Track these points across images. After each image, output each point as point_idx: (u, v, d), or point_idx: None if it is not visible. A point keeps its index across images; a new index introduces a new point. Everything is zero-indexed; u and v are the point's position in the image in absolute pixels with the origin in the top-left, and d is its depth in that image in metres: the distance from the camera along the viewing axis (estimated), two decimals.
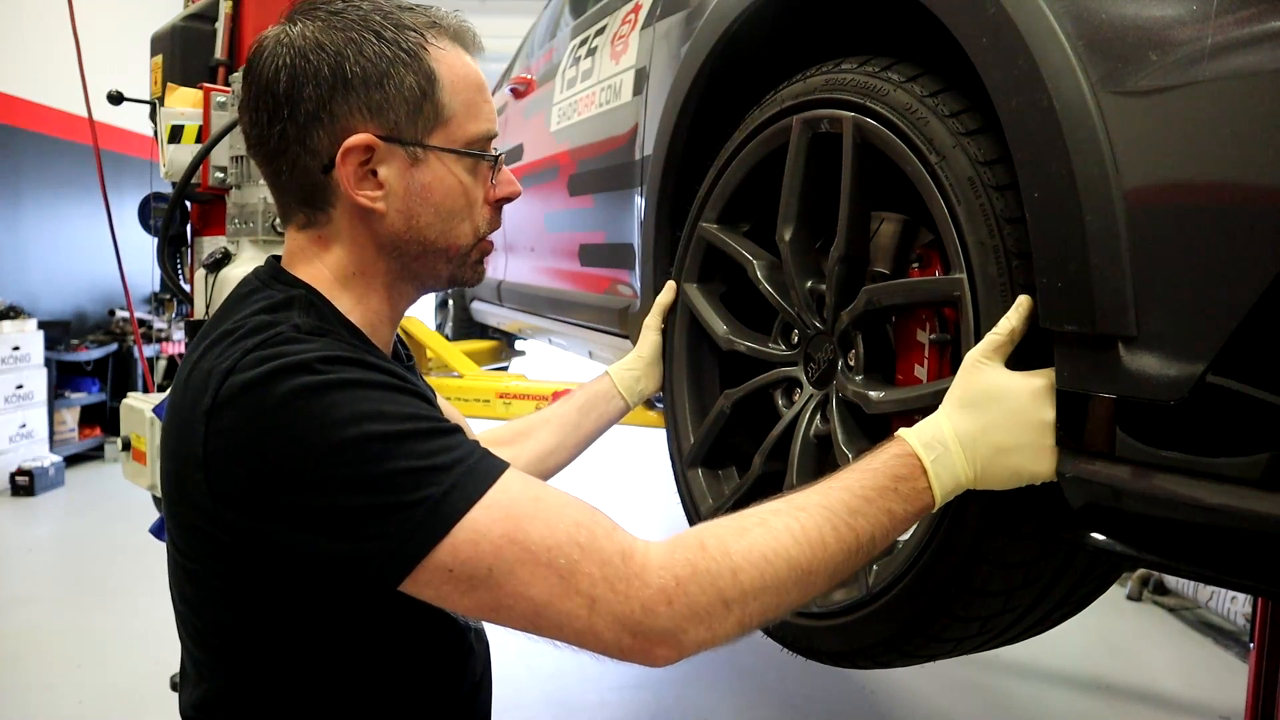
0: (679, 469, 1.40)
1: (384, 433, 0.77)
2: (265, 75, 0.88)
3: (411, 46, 0.89)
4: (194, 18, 2.04)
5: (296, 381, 0.77)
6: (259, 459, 0.77)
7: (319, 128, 0.88)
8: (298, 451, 0.76)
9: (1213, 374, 0.69)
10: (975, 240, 0.89)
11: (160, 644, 0.96)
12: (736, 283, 1.34)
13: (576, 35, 2.39)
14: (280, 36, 0.89)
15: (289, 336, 0.82)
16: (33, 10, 6.01)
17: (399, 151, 0.90)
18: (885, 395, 1.03)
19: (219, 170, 1.82)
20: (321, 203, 0.91)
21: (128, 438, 1.99)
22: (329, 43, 0.87)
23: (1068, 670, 3.27)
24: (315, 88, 0.87)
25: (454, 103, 0.91)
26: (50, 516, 5.16)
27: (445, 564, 0.76)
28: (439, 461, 0.78)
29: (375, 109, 0.88)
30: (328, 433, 0.76)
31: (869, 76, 1.04)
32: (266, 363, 0.79)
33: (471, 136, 0.93)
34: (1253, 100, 0.66)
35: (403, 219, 0.92)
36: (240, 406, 0.78)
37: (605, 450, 1.61)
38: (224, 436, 0.79)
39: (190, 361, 0.87)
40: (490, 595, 0.76)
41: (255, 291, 0.92)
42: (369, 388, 0.80)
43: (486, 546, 0.76)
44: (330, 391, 0.78)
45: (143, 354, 5.41)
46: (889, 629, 1.00)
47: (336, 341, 0.84)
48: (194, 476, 0.81)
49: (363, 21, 0.88)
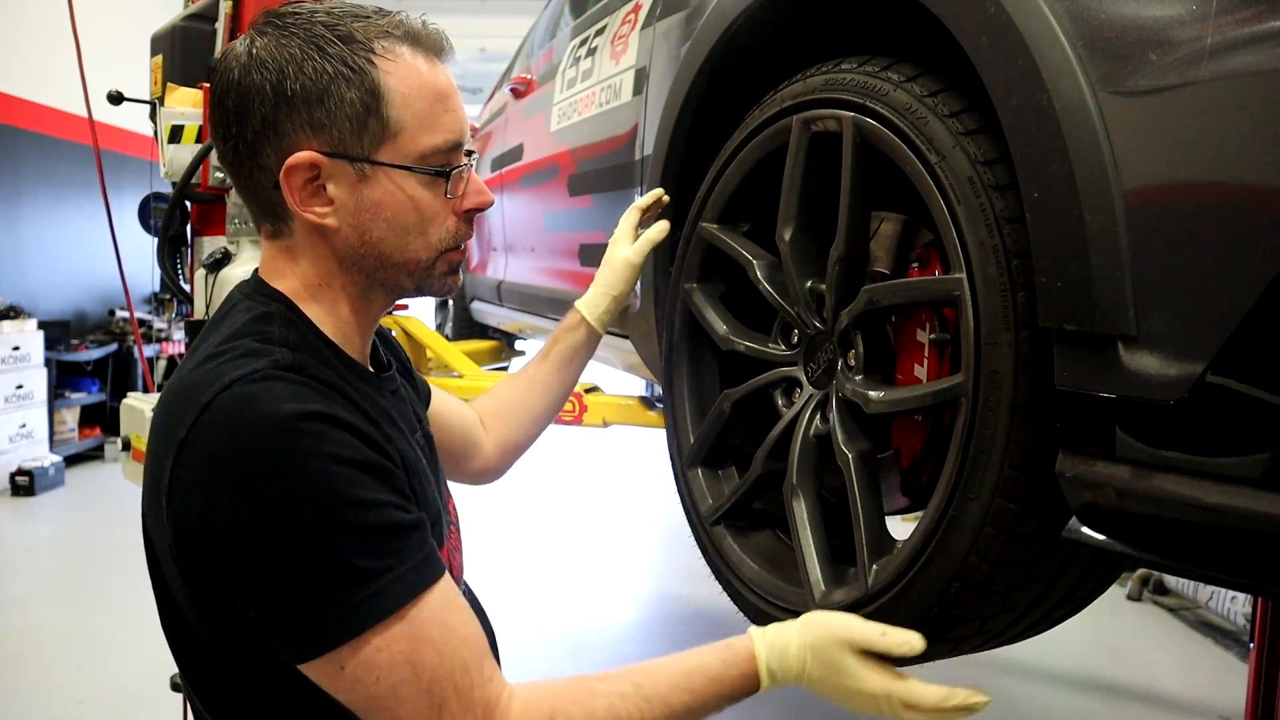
0: (679, 469, 1.40)
1: (336, 519, 0.79)
2: (219, 91, 0.89)
3: (356, 61, 0.87)
4: (194, 18, 2.04)
5: (265, 438, 0.79)
6: (211, 501, 0.80)
7: (266, 144, 0.88)
8: (248, 510, 0.79)
9: (1212, 374, 0.69)
10: (975, 240, 0.89)
11: (160, 644, 0.96)
12: (736, 283, 1.34)
13: (576, 35, 2.39)
14: (234, 51, 0.89)
15: (267, 373, 0.82)
16: (33, 10, 6.01)
17: (345, 168, 0.89)
18: (885, 395, 1.03)
19: (219, 170, 1.82)
20: (280, 216, 0.92)
21: (128, 438, 1.99)
22: (272, 59, 0.87)
23: (1068, 670, 3.27)
24: (260, 105, 0.87)
25: (403, 116, 0.89)
26: (50, 516, 5.16)
27: (341, 661, 0.80)
28: (374, 565, 0.80)
29: (317, 126, 0.87)
30: (282, 501, 0.78)
31: (869, 76, 1.04)
32: (242, 406, 0.80)
33: (425, 149, 0.91)
34: (1253, 100, 0.66)
35: (356, 234, 0.91)
36: (207, 444, 0.80)
37: (606, 450, 1.62)
38: (187, 470, 0.81)
39: (180, 375, 0.89)
40: (365, 699, 0.81)
41: (238, 304, 0.93)
42: (337, 463, 0.80)
43: (383, 659, 0.80)
44: (297, 459, 0.79)
45: (143, 354, 5.41)
46: None
47: (316, 386, 0.83)
48: (159, 500, 0.83)
49: (307, 35, 0.87)
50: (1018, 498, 0.86)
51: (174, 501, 0.82)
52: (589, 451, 6.58)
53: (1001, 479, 0.87)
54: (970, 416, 0.89)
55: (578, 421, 2.42)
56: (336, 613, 0.79)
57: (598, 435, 2.58)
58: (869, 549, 1.03)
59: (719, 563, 1.29)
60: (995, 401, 0.87)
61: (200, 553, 0.81)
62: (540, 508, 5.28)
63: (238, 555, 0.80)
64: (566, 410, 2.42)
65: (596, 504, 5.60)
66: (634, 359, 1.88)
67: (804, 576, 1.12)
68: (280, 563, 0.78)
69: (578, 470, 6.29)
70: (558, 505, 5.45)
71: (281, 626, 0.81)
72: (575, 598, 3.97)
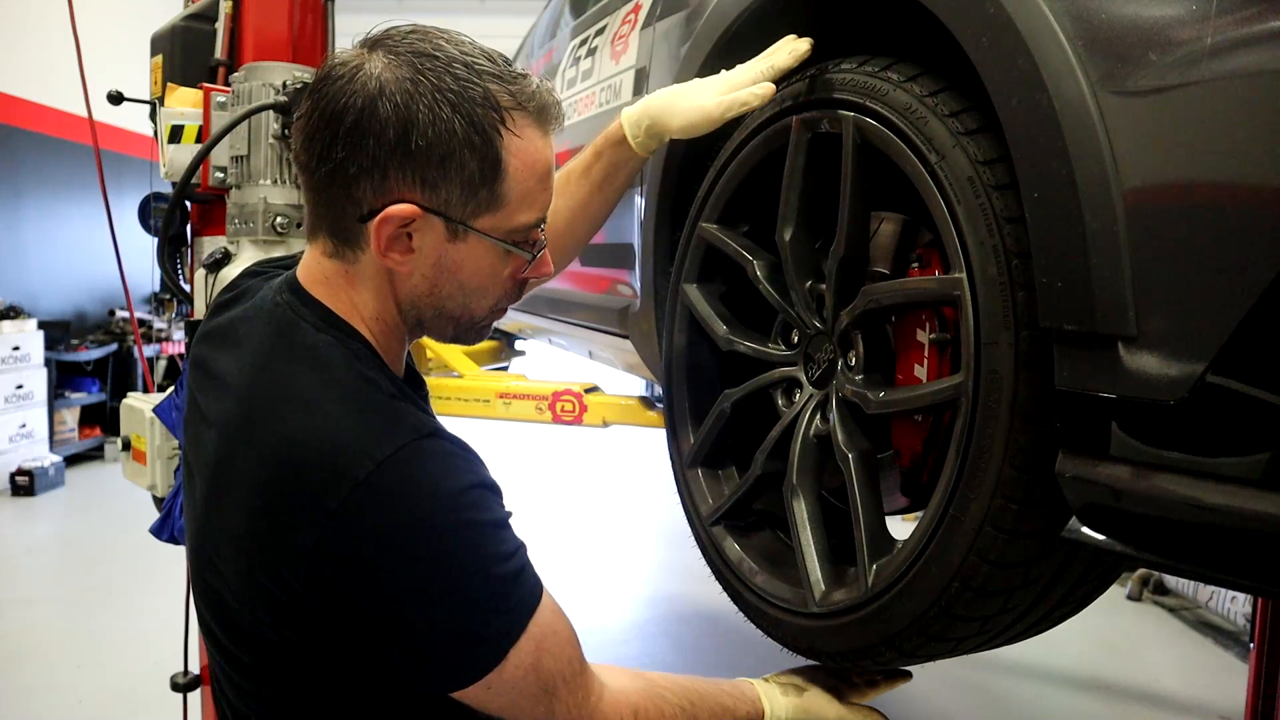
0: (679, 469, 1.40)
1: (490, 576, 0.85)
2: (331, 108, 0.84)
3: (486, 128, 0.85)
4: (194, 18, 2.04)
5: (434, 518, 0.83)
6: (378, 573, 0.83)
7: (368, 181, 0.84)
8: (416, 582, 0.83)
9: (1212, 374, 0.69)
10: (975, 240, 0.89)
11: (160, 644, 0.96)
12: (736, 283, 1.34)
13: (576, 35, 2.39)
14: (357, 70, 0.84)
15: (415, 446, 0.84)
16: (33, 10, 6.01)
17: (439, 224, 0.87)
18: (885, 395, 1.03)
19: (219, 170, 1.82)
20: (352, 244, 0.90)
21: (128, 438, 1.98)
22: (403, 99, 0.82)
23: (1068, 670, 3.27)
24: (376, 144, 0.83)
25: (512, 192, 0.88)
26: (50, 516, 5.17)
27: (489, 683, 0.87)
28: (511, 601, 0.87)
29: (429, 183, 0.85)
30: (447, 573, 0.83)
31: (869, 76, 1.04)
32: (406, 488, 0.82)
33: (518, 225, 0.90)
34: (1253, 100, 0.66)
35: (426, 285, 0.91)
36: (372, 521, 0.82)
37: (606, 450, 1.62)
38: (347, 543, 0.82)
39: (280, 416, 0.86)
40: (502, 705, 0.91)
41: (299, 327, 0.90)
42: (490, 527, 0.86)
43: (519, 674, 0.88)
44: (462, 532, 0.84)
45: (143, 354, 5.42)
46: (889, 629, 1.00)
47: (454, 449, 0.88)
48: (286, 563, 0.83)
49: (442, 79, 0.83)
50: (1018, 498, 0.86)
51: (320, 568, 0.82)
52: (589, 451, 6.58)
53: (1001, 479, 0.87)
54: (970, 416, 0.89)
55: (578, 421, 2.42)
56: (484, 650, 0.86)
57: (598, 435, 2.58)
58: (869, 549, 1.03)
59: (719, 563, 1.29)
60: (995, 401, 0.87)
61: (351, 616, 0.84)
62: (540, 508, 5.28)
63: (402, 622, 0.84)
64: (566, 410, 2.42)
65: (596, 504, 5.60)
66: (634, 359, 1.88)
67: (804, 576, 1.12)
68: (445, 624, 0.85)
69: (578, 470, 6.30)
70: (558, 505, 5.45)
71: (436, 671, 0.87)
72: (576, 597, 3.97)
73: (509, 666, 0.87)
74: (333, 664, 0.89)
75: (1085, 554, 0.96)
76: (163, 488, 1.86)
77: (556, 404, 2.43)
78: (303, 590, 0.83)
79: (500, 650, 0.86)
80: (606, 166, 1.27)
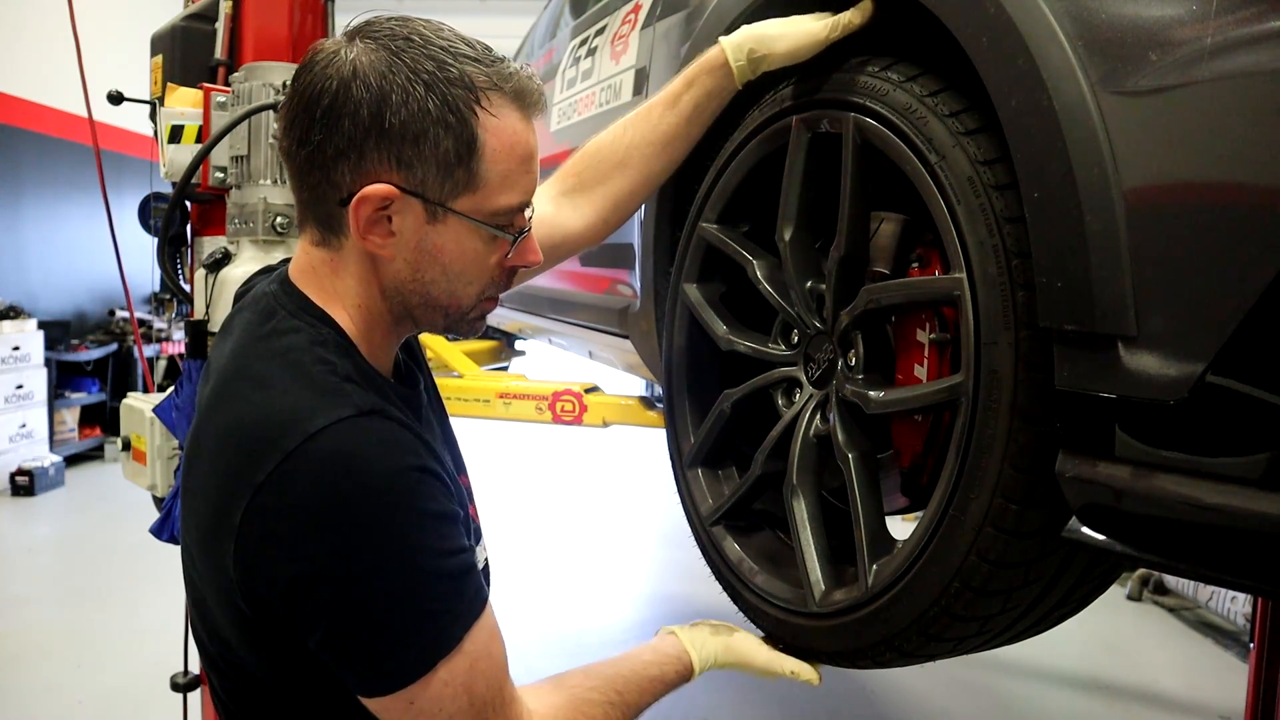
0: (679, 469, 1.40)
1: (422, 570, 0.82)
2: (309, 93, 0.85)
3: (460, 107, 0.84)
4: (194, 18, 2.04)
5: (362, 495, 0.79)
6: (298, 551, 0.79)
7: (345, 163, 0.85)
8: (339, 563, 0.79)
9: (1212, 374, 0.69)
10: (975, 240, 0.89)
11: (160, 644, 0.97)
12: (736, 283, 1.34)
13: (576, 35, 2.39)
14: (335, 55, 0.85)
15: (354, 421, 0.81)
16: (33, 10, 6.01)
17: (418, 206, 0.87)
18: (885, 395, 1.03)
19: (219, 170, 1.82)
20: (336, 230, 0.90)
21: (128, 438, 1.98)
22: (376, 81, 0.83)
23: (1068, 670, 3.28)
24: (351, 124, 0.83)
25: (490, 172, 0.88)
26: (50, 516, 5.17)
27: (412, 696, 0.83)
28: (443, 606, 0.83)
29: (405, 162, 0.85)
30: (374, 557, 0.79)
31: (869, 76, 1.04)
32: (334, 461, 0.79)
33: (499, 208, 0.90)
34: (1253, 100, 0.66)
35: (409, 269, 0.90)
36: (294, 493, 0.79)
37: (606, 450, 1.62)
38: (268, 515, 0.80)
39: (239, 399, 0.86)
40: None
41: (276, 314, 0.91)
42: (426, 516, 0.82)
43: (448, 692, 0.84)
44: (394, 515, 0.80)
45: (143, 354, 5.41)
46: (889, 629, 1.00)
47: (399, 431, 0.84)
48: (220, 536, 0.82)
49: (418, 62, 0.84)
50: (1018, 498, 0.86)
51: (246, 543, 0.80)
52: (589, 451, 6.58)
53: (1001, 479, 0.87)
54: (970, 416, 0.89)
55: (578, 421, 2.42)
56: (411, 655, 0.82)
57: (598, 435, 2.58)
58: (869, 549, 1.03)
59: (719, 563, 1.29)
60: (995, 401, 0.87)
61: (274, 595, 0.81)
62: (540, 507, 5.28)
63: (322, 603, 0.80)
64: (566, 410, 2.42)
65: (596, 504, 5.60)
66: (634, 359, 1.88)
67: (804, 577, 1.12)
68: (367, 613, 0.80)
69: (578, 470, 6.30)
70: (558, 505, 5.45)
71: (358, 667, 0.83)
72: (575, 598, 3.97)
73: (437, 681, 0.83)
74: (287, 667, 0.87)
75: (1085, 554, 0.96)
76: (162, 488, 1.87)
77: (556, 404, 2.43)
78: (235, 576, 0.82)
79: (427, 659, 0.82)
80: (699, 96, 1.22)
